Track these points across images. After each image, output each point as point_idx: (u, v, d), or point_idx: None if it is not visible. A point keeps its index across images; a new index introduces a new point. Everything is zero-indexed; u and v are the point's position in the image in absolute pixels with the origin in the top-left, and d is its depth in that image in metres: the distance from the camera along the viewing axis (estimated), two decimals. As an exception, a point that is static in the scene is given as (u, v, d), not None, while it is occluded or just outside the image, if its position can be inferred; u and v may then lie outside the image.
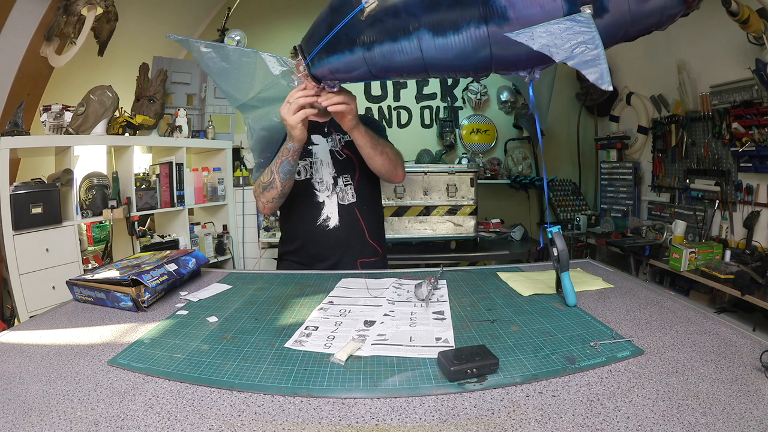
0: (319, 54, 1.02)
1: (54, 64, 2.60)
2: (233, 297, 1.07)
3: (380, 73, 1.01)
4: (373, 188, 1.50)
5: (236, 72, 1.10)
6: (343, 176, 1.42)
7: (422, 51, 0.91)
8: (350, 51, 0.97)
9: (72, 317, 0.97)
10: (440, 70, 0.97)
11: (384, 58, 0.95)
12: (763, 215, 2.43)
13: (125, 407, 0.61)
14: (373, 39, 0.94)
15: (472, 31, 0.86)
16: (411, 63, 0.94)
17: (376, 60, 0.96)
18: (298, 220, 1.43)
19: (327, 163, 1.41)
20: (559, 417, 0.57)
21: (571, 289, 0.95)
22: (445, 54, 0.91)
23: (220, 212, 3.45)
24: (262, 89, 1.11)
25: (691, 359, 0.71)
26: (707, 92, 2.73)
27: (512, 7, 0.82)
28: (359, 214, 1.40)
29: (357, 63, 0.99)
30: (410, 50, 0.92)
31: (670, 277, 2.79)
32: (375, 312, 0.93)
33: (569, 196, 3.88)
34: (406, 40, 0.91)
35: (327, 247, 1.39)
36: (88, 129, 2.49)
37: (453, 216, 2.98)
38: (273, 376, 0.68)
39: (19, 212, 2.08)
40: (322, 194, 1.40)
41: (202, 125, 3.29)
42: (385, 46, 0.93)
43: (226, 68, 1.10)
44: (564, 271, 0.95)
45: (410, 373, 0.69)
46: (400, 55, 0.93)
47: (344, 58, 0.99)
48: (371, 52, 0.95)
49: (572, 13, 0.80)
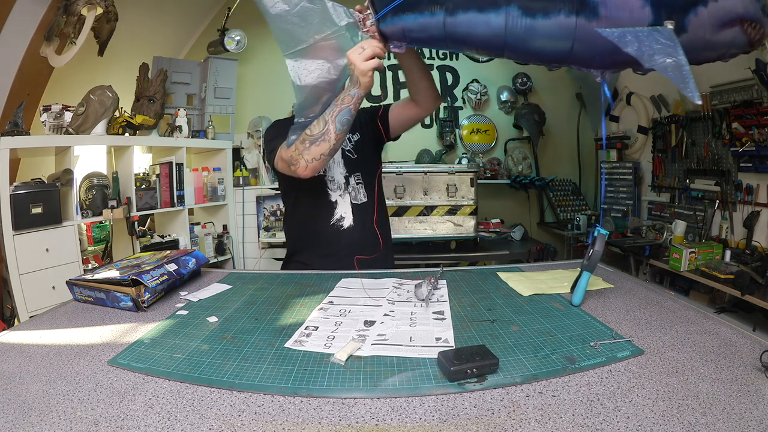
0: (394, 10, 0.97)
1: (54, 64, 2.60)
2: (233, 297, 1.07)
3: (456, 44, 0.96)
4: (380, 187, 1.48)
5: (296, 17, 1.04)
6: (354, 175, 1.40)
7: (507, 28, 0.88)
8: (430, 13, 0.93)
9: (72, 317, 0.97)
10: (518, 52, 0.93)
11: (466, 26, 0.91)
12: (763, 215, 2.43)
13: (125, 407, 0.61)
14: (459, 4, 0.90)
15: (562, 19, 0.85)
16: (492, 38, 0.91)
17: (458, 27, 0.92)
18: (309, 219, 1.40)
19: (338, 161, 1.39)
20: (559, 417, 0.57)
21: (583, 291, 0.96)
22: (530, 36, 0.88)
23: (220, 212, 3.45)
24: (321, 39, 1.05)
25: (691, 359, 0.71)
26: (707, 92, 2.73)
27: (604, 5, 0.82)
28: (371, 214, 1.38)
29: (435, 27, 0.94)
30: (495, 24, 0.88)
31: (670, 277, 2.79)
32: (375, 312, 0.93)
33: (569, 196, 3.88)
34: (493, 12, 0.88)
35: (340, 248, 1.37)
36: (88, 129, 2.49)
37: (453, 216, 2.98)
38: (273, 376, 0.68)
39: (19, 212, 2.08)
40: (334, 193, 1.38)
41: (202, 125, 3.29)
42: (470, 14, 0.89)
43: (285, 10, 1.04)
44: (587, 271, 0.96)
45: (410, 373, 0.68)
46: (483, 27, 0.90)
47: (422, 20, 0.95)
48: (454, 18, 0.91)
49: (656, 24, 0.82)
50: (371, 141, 1.45)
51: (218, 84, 3.31)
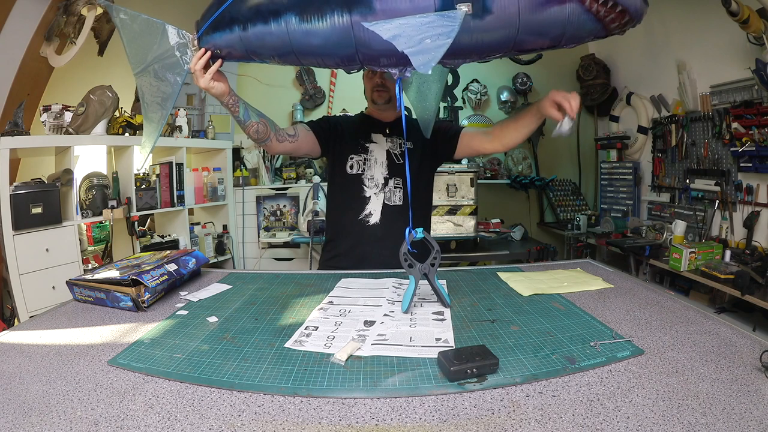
0: (209, 29, 1.03)
1: (54, 64, 2.60)
2: (233, 297, 1.07)
3: (258, 56, 1.02)
4: (423, 196, 1.51)
5: (142, 39, 1.13)
6: (395, 179, 1.42)
7: (289, 35, 0.92)
8: (230, 29, 0.99)
9: (72, 317, 0.97)
10: (308, 56, 0.97)
11: (257, 38, 0.96)
12: (763, 215, 2.43)
13: (125, 407, 0.61)
14: (249, 18, 0.94)
15: (336, 19, 0.86)
16: (280, 47, 0.95)
17: (251, 40, 0.97)
18: (342, 212, 1.45)
19: (381, 162, 1.43)
20: (559, 417, 0.57)
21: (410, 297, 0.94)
22: (311, 41, 0.91)
23: (220, 212, 3.45)
24: (157, 59, 1.13)
25: (691, 359, 0.71)
26: (707, 92, 2.73)
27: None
28: (402, 217, 1.38)
29: (236, 42, 1.00)
30: (279, 33, 0.92)
31: (670, 277, 2.78)
32: (375, 312, 0.93)
33: (569, 196, 3.88)
34: (275, 22, 0.92)
35: (363, 240, 1.41)
36: (88, 129, 2.49)
37: (453, 216, 2.98)
38: (273, 376, 0.68)
39: (19, 212, 2.08)
40: (369, 190, 1.42)
41: (202, 125, 3.29)
42: (258, 26, 0.94)
43: (135, 35, 1.13)
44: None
45: (410, 373, 0.68)
46: (270, 38, 0.94)
47: (225, 36, 1.00)
48: (246, 32, 0.96)
49: (445, 9, 0.78)
50: (428, 154, 1.48)
51: (218, 84, 3.31)
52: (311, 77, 3.70)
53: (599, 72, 3.66)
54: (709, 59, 2.70)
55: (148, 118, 1.21)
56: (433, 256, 0.97)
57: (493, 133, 1.41)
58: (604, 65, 3.68)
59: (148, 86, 1.16)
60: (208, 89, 1.13)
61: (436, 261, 0.97)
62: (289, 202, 3.49)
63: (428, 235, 0.99)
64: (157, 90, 1.15)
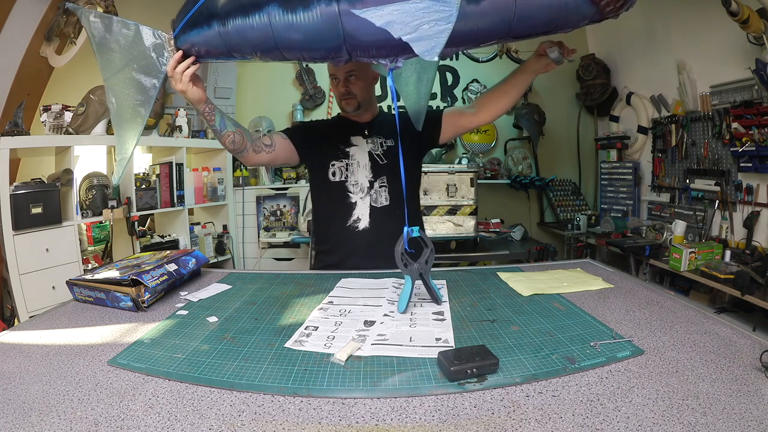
0: (185, 28, 0.98)
1: (54, 64, 2.61)
2: (233, 297, 1.07)
3: (236, 51, 0.97)
4: (410, 191, 1.46)
5: (114, 42, 1.08)
6: (380, 179, 1.39)
7: (272, 28, 0.87)
8: (208, 26, 0.94)
9: (72, 317, 0.97)
10: (293, 50, 0.91)
11: (237, 33, 0.91)
12: (763, 215, 2.43)
13: (125, 407, 0.61)
14: (228, 13, 0.90)
15: (323, 8, 0.81)
16: (263, 41, 0.90)
17: (231, 36, 0.92)
18: (329, 220, 1.42)
19: (365, 165, 1.39)
20: (559, 417, 0.57)
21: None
22: (296, 33, 0.86)
23: (220, 212, 3.45)
24: (130, 62, 1.08)
25: (691, 359, 0.71)
26: (707, 92, 2.73)
27: None
28: (390, 218, 1.37)
29: (214, 39, 0.95)
30: (261, 26, 0.87)
31: (670, 277, 2.78)
32: (375, 312, 0.93)
33: (569, 196, 3.88)
34: (257, 14, 0.87)
35: (355, 249, 1.37)
36: (88, 129, 2.49)
37: (453, 216, 2.98)
38: (273, 376, 0.68)
39: (19, 212, 2.08)
40: (355, 196, 1.38)
41: (202, 125, 3.28)
42: (238, 20, 0.89)
43: (107, 38, 1.08)
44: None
45: (410, 373, 0.68)
46: (252, 32, 0.89)
47: (203, 33, 0.96)
48: (226, 28, 0.91)
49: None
50: (414, 146, 1.43)
51: (218, 84, 3.31)
52: (311, 77, 3.70)
53: (599, 72, 3.65)
54: (709, 59, 2.70)
55: (121, 128, 1.15)
56: (427, 255, 0.96)
57: (478, 105, 1.37)
58: (604, 65, 3.68)
59: (121, 92, 1.10)
60: (184, 93, 1.11)
61: (429, 259, 0.97)
62: (289, 202, 3.49)
63: (424, 233, 0.99)
64: (131, 96, 1.10)
